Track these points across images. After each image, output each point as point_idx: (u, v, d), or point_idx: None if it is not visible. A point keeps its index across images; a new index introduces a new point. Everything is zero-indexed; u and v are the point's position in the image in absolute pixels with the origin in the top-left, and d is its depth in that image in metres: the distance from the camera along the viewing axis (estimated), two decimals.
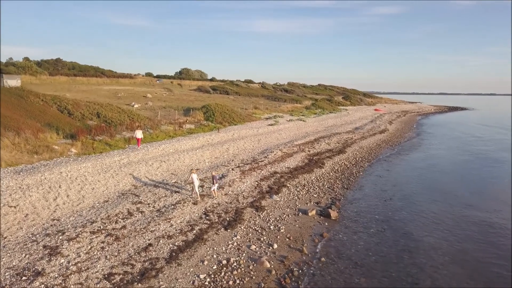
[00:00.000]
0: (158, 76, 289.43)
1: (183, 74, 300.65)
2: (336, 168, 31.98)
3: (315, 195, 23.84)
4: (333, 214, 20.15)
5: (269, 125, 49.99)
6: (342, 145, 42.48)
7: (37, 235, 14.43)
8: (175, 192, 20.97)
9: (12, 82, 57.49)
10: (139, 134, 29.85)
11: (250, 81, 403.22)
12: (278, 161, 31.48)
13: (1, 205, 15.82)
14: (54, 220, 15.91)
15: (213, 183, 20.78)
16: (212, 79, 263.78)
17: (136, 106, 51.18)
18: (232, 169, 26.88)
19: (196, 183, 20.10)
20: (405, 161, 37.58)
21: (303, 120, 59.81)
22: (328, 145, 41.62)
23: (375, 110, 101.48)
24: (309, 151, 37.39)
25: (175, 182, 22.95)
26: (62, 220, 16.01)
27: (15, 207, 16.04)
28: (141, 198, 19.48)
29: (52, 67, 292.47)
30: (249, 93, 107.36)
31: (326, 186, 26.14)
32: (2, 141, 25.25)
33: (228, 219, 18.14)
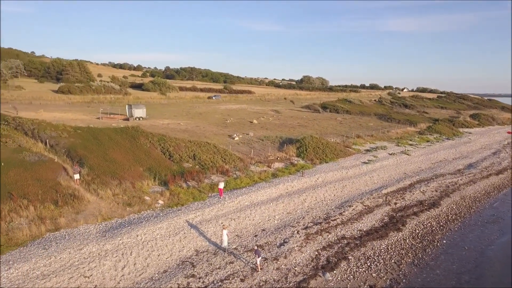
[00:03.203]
0: (279, 86, 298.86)
1: (304, 82, 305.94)
2: (417, 231, 29.83)
3: (374, 274, 22.98)
4: None
5: (363, 162, 48.42)
6: (439, 194, 39.09)
7: None
8: (230, 262, 22.54)
9: (138, 111, 66.70)
10: (221, 185, 32.49)
11: (375, 86, 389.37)
12: (353, 219, 30.79)
13: (78, 275, 19.36)
14: None
15: (256, 257, 21.85)
16: (331, 88, 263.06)
17: (236, 138, 54.61)
18: (297, 232, 27.36)
19: (225, 239, 23.32)
20: None
21: (408, 154, 56.13)
22: (422, 194, 38.78)
23: (508, 133, 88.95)
24: (395, 203, 35.49)
25: (235, 248, 24.54)
26: None
27: (88, 277, 19.45)
28: (195, 269, 21.50)
29: (188, 74, 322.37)
30: (361, 111, 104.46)
31: (393, 261, 24.84)
32: (105, 192, 30.15)
33: None
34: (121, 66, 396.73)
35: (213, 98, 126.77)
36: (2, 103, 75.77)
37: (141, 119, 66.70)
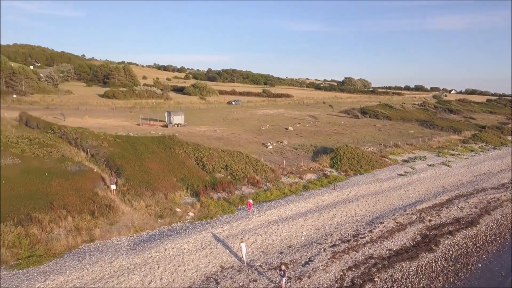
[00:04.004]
0: (319, 88, 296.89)
1: (345, 84, 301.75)
2: (450, 253, 28.71)
3: None
4: None
5: (399, 174, 47.11)
6: (478, 212, 37.44)
7: None
8: (253, 281, 22.85)
9: (177, 118, 68.69)
10: (250, 200, 32.92)
11: (420, 87, 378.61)
12: (383, 237, 30.17)
13: None
14: None
15: (282, 276, 21.90)
16: (373, 91, 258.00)
17: (270, 147, 54.93)
18: (324, 250, 27.22)
19: (244, 252, 24.35)
20: None
21: (448, 165, 53.94)
22: (459, 211, 37.29)
23: None
24: (429, 221, 34.37)
25: (259, 265, 24.81)
26: None
27: None
28: (219, 286, 21.99)
29: (229, 76, 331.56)
30: (402, 116, 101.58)
31: (421, 284, 24.13)
32: (139, 203, 31.41)
33: None
34: (165, 68, 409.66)
35: (233, 103, 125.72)
36: (53, 109, 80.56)
37: (179, 125, 68.66)
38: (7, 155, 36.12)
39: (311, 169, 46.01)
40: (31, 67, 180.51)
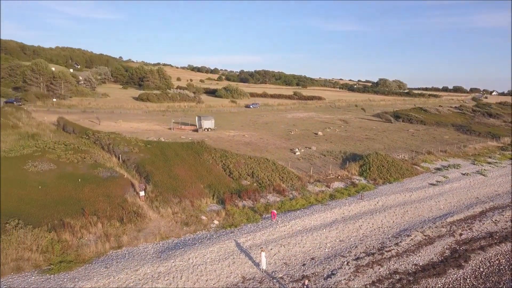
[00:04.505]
0: (352, 89, 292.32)
1: (379, 86, 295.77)
2: (481, 270, 27.67)
3: None
4: None
5: (431, 184, 45.82)
6: None
7: None
8: None
9: (207, 123, 69.85)
10: (274, 210, 33.09)
11: (459, 88, 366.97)
12: (409, 251, 29.48)
13: None
14: None
15: None
16: (409, 93, 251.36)
17: (297, 153, 54.77)
18: (347, 263, 26.92)
19: (264, 261, 24.57)
20: None
21: (483, 174, 51.93)
22: (493, 225, 35.87)
23: None
24: (460, 234, 33.26)
25: (281, 277, 24.87)
26: None
27: None
28: None
29: (261, 77, 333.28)
30: (437, 121, 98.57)
31: None
32: (166, 210, 32.22)
33: None
34: (198, 70, 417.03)
35: (251, 106, 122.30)
36: (89, 112, 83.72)
37: (209, 130, 69.72)
38: (44, 160, 37.98)
39: (339, 177, 45.55)
40: (71, 70, 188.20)
